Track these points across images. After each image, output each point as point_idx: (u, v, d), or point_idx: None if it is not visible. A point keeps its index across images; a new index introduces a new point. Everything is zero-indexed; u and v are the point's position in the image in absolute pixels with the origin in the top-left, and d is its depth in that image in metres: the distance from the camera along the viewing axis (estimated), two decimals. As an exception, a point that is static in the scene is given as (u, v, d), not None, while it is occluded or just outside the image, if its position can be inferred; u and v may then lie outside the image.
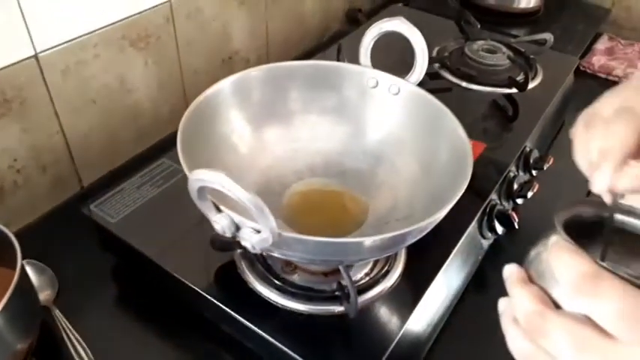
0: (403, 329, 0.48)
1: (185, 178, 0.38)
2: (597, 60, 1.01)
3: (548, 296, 0.26)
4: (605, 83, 0.99)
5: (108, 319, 0.55)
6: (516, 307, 0.26)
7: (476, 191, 0.61)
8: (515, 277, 0.27)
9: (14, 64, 0.57)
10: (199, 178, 0.36)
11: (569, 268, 0.24)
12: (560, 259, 0.25)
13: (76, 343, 0.52)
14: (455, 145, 0.49)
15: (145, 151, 0.76)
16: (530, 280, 0.28)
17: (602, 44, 1.07)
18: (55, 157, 0.65)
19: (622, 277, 0.23)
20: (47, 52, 0.59)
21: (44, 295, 0.56)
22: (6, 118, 0.58)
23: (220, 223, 0.39)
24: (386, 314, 0.49)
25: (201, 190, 0.38)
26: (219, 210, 0.40)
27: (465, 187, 0.43)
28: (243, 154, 0.55)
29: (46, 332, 0.53)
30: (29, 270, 0.55)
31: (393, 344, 0.47)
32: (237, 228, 0.40)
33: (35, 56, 0.58)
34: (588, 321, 0.23)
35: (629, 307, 0.22)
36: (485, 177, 0.65)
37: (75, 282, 0.58)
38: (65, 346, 0.51)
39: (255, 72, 0.55)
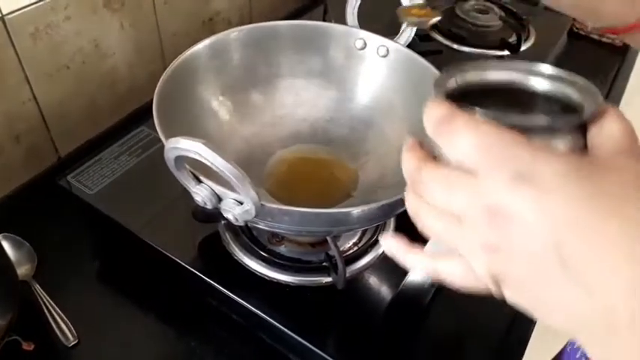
0: (392, 300, 0.47)
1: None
2: (591, 20, 0.99)
3: (433, 155, 0.26)
4: (598, 44, 0.97)
5: (89, 292, 0.54)
6: (404, 170, 0.27)
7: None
8: (406, 146, 0.28)
9: (-22, 26, 0.53)
10: (176, 146, 0.33)
11: (429, 116, 0.25)
12: (425, 112, 0.25)
13: (58, 318, 0.50)
14: (446, 110, 0.47)
15: (123, 119, 0.73)
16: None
17: (595, 4, 1.04)
18: (29, 126, 0.62)
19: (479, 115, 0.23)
20: (14, 13, 0.55)
21: (23, 270, 0.54)
22: (-27, 85, 0.55)
23: (200, 194, 0.37)
24: (375, 285, 0.48)
25: (179, 160, 0.35)
26: (199, 180, 0.38)
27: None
28: (224, 121, 0.53)
29: (26, 307, 0.51)
30: (6, 244, 0.53)
31: (382, 315, 0.46)
32: (219, 199, 0.38)
33: (2, 18, 0.55)
34: (458, 165, 0.24)
35: (480, 139, 0.22)
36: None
37: (54, 255, 0.56)
38: (46, 321, 0.50)
39: (235, 33, 0.52)
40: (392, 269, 0.50)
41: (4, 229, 0.55)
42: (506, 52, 0.76)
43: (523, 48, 0.76)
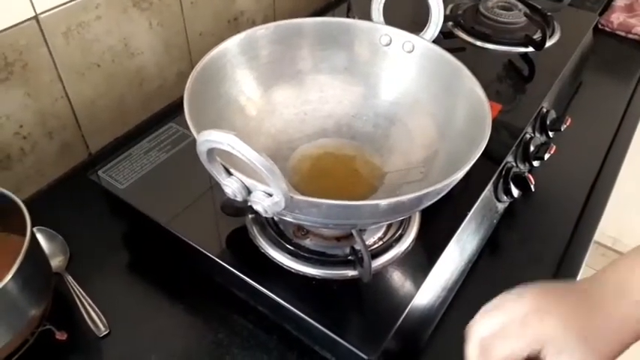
0: (417, 294, 0.47)
1: (193, 143, 0.37)
2: (616, 17, 0.97)
3: None
4: (624, 41, 0.95)
5: (120, 284, 0.55)
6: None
7: (491, 154, 0.59)
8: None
9: (14, 26, 0.55)
10: (208, 139, 0.34)
11: None
12: None
13: (89, 308, 0.52)
14: (472, 105, 0.47)
15: (152, 117, 0.75)
16: None
17: (621, 0, 1.03)
18: (61, 123, 0.64)
19: None
20: (47, 13, 0.57)
21: (56, 262, 0.56)
22: (9, 82, 0.57)
23: (231, 186, 0.38)
24: (400, 279, 0.49)
25: (211, 152, 0.36)
26: (229, 173, 0.39)
27: (483, 147, 0.42)
28: (251, 116, 0.54)
29: (60, 298, 0.53)
30: (40, 237, 0.55)
31: (407, 309, 0.46)
32: (249, 191, 0.39)
33: (35, 17, 0.56)
34: None
35: None
36: (501, 139, 0.63)
37: (86, 248, 0.57)
38: (78, 311, 0.52)
39: (262, 30, 0.53)
40: (415, 265, 0.50)
41: (38, 223, 0.56)
42: (530, 49, 0.75)
43: (548, 45, 0.75)
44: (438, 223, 0.53)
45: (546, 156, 0.64)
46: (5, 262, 0.43)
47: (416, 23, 0.56)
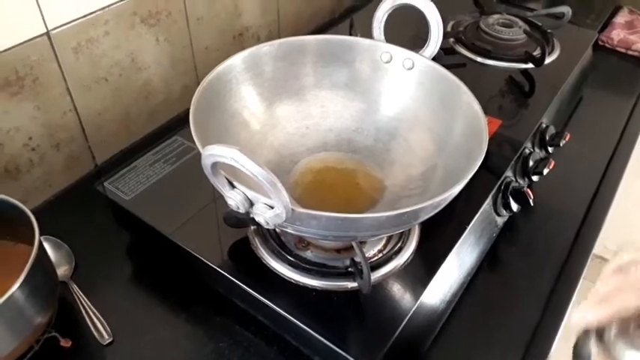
0: (416, 306, 0.48)
1: (198, 156, 0.38)
2: (617, 34, 0.99)
3: None
4: (624, 58, 0.97)
5: (124, 293, 0.56)
6: None
7: (491, 168, 0.61)
8: None
9: (26, 41, 0.56)
10: (212, 153, 0.36)
11: None
12: None
13: (93, 316, 0.53)
14: (470, 120, 0.48)
15: (157, 130, 0.76)
16: None
17: (621, 18, 1.04)
18: (69, 135, 0.66)
19: None
20: (58, 29, 0.59)
21: (62, 271, 0.57)
22: (19, 96, 0.58)
23: (234, 198, 0.39)
24: (399, 291, 0.49)
25: (215, 166, 0.38)
26: (232, 186, 0.40)
27: (479, 162, 0.42)
28: (255, 130, 0.55)
29: (65, 306, 0.54)
30: (46, 246, 0.55)
31: (405, 321, 0.47)
32: (251, 204, 0.40)
33: (47, 34, 0.58)
34: None
35: None
36: (501, 154, 0.64)
37: (91, 258, 0.58)
38: (83, 319, 0.53)
39: (266, 47, 0.54)
40: (415, 277, 0.51)
41: (45, 232, 0.57)
42: (530, 66, 0.76)
43: (547, 61, 0.76)
44: (437, 236, 0.54)
45: (545, 171, 0.65)
46: (13, 270, 0.44)
47: (419, 38, 0.58)
